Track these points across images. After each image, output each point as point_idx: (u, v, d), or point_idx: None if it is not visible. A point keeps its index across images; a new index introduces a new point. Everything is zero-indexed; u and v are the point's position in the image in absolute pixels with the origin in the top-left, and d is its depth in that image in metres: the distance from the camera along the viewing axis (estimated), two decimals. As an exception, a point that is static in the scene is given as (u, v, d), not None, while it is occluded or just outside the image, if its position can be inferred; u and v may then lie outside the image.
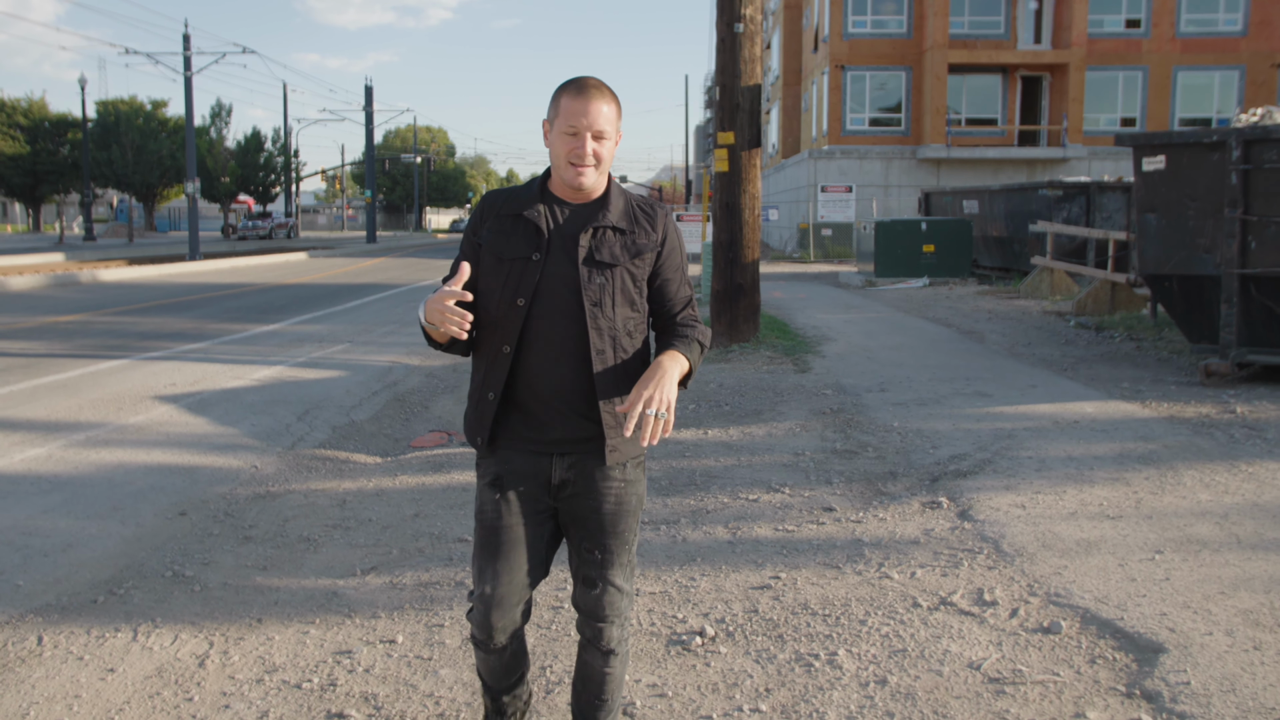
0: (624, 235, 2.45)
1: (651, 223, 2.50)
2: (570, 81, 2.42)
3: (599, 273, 2.41)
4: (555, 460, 2.48)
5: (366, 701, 3.35)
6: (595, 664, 2.61)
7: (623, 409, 2.30)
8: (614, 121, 2.42)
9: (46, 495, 5.86)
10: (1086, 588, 4.08)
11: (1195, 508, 5.08)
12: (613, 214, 2.45)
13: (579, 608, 2.58)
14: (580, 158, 2.37)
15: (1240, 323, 8.32)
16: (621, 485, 2.51)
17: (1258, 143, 8.00)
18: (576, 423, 2.45)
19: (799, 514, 5.23)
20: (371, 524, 5.34)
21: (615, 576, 2.54)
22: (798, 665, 3.50)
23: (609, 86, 2.42)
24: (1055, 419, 7.22)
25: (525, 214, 2.43)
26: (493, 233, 2.46)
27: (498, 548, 2.48)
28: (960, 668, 3.43)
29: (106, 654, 3.74)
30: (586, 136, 2.36)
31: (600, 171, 2.42)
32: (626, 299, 2.45)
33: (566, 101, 2.38)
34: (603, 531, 2.51)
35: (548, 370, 2.42)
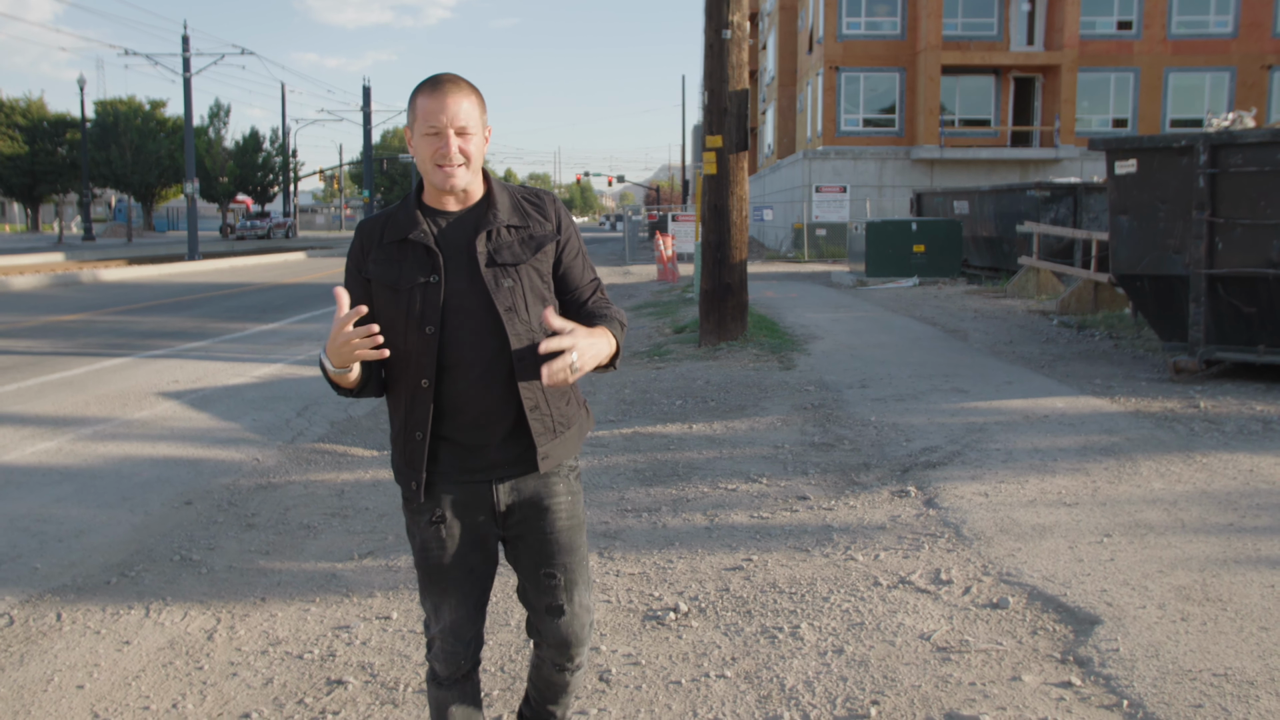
0: (520, 231, 2.33)
1: (542, 212, 2.37)
2: (424, 81, 2.27)
3: (505, 275, 2.28)
4: (497, 487, 2.37)
5: (364, 670, 3.63)
6: (558, 679, 2.56)
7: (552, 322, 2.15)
8: (477, 116, 2.26)
9: (58, 485, 6.14)
10: (1036, 568, 4.37)
11: (1147, 495, 5.37)
12: (502, 212, 2.32)
13: (546, 640, 2.48)
14: (446, 157, 2.22)
15: (1208, 321, 8.60)
16: (570, 499, 2.43)
17: (1224, 147, 8.29)
18: (510, 444, 2.34)
19: (774, 502, 5.51)
20: (368, 512, 5.62)
21: (581, 594, 2.45)
22: (763, 637, 3.78)
23: (468, 81, 2.29)
24: (1026, 413, 7.51)
25: (410, 237, 2.28)
26: (379, 264, 2.30)
27: (449, 584, 2.40)
28: (912, 639, 3.72)
29: (121, 629, 4.02)
30: (449, 134, 2.21)
31: (472, 171, 2.28)
32: (538, 297, 2.32)
33: (423, 101, 2.23)
34: (560, 550, 2.41)
35: (472, 394, 2.29)
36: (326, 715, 3.29)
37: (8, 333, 13.54)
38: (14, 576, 4.62)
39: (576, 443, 2.46)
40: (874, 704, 3.23)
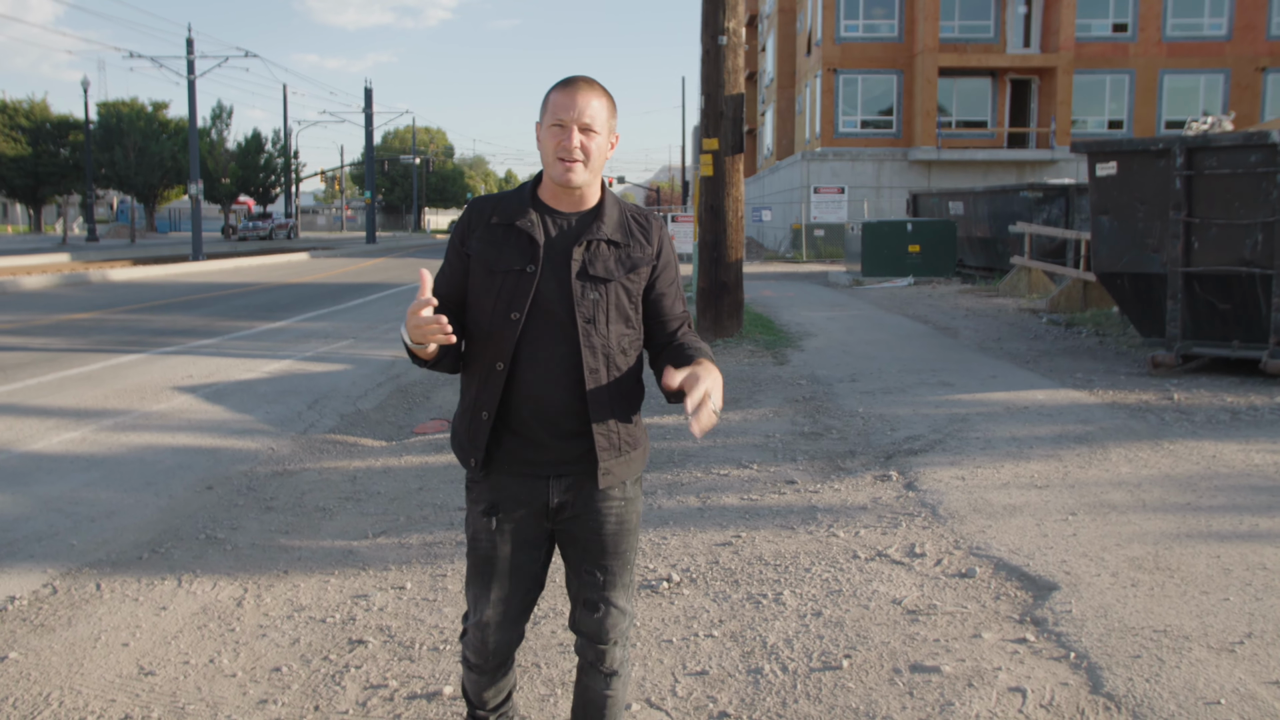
0: (619, 248, 2.35)
1: (646, 235, 2.40)
2: (560, 80, 2.32)
3: (593, 288, 2.31)
4: (552, 483, 2.38)
5: (381, 631, 3.96)
6: (597, 687, 2.51)
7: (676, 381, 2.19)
8: (605, 118, 2.29)
9: (86, 472, 6.48)
10: (1004, 542, 4.70)
11: (1114, 478, 5.71)
12: (607, 226, 2.34)
13: (579, 631, 2.49)
14: (568, 151, 2.25)
15: (1185, 317, 8.94)
16: (622, 504, 2.43)
17: (1199, 150, 8.63)
18: (571, 444, 2.35)
19: (763, 486, 5.85)
20: (380, 496, 5.95)
21: (618, 598, 2.46)
22: (748, 603, 4.12)
23: (601, 84, 2.32)
24: (1008, 405, 7.84)
25: (518, 223, 2.32)
26: (482, 243, 2.35)
27: (493, 577, 2.42)
28: (885, 603, 4.05)
29: (157, 596, 4.35)
30: (573, 129, 2.25)
31: (591, 170, 2.30)
32: (621, 315, 2.35)
33: (554, 96, 2.28)
34: (604, 553, 2.42)
35: (540, 389, 2.31)
36: (350, 668, 3.62)
37: (24, 330, 13.90)
38: (53, 552, 4.96)
39: (640, 464, 2.47)
40: (846, 657, 3.56)
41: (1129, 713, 3.10)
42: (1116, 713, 3.11)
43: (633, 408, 2.42)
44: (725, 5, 11.19)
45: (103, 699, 3.38)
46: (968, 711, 3.14)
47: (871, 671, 3.45)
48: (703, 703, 3.29)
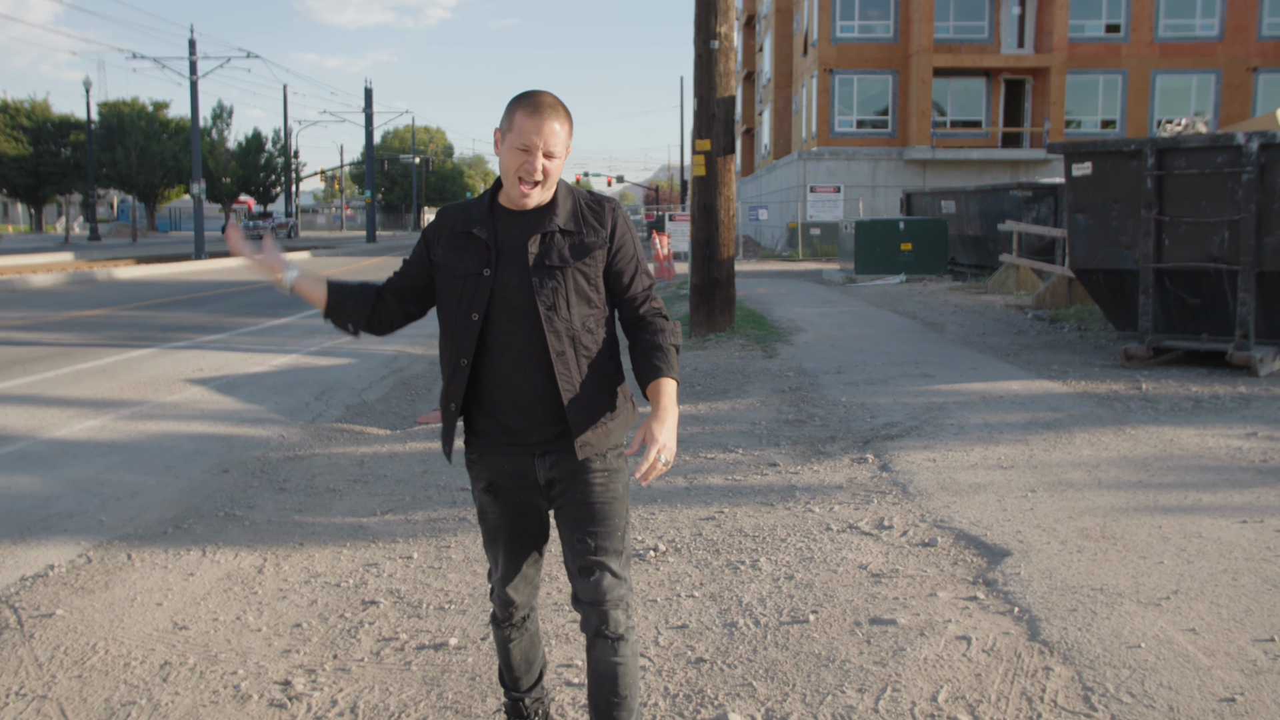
0: (572, 236, 2.52)
1: (599, 219, 2.55)
2: (525, 96, 2.46)
3: (550, 276, 2.48)
4: (537, 461, 2.57)
5: (392, 594, 4.34)
6: (606, 656, 2.59)
7: (634, 448, 2.46)
8: (565, 140, 2.47)
9: (108, 456, 6.85)
10: (966, 516, 5.08)
11: (1075, 460, 6.09)
12: (560, 217, 2.52)
13: (580, 600, 2.61)
14: (530, 173, 2.43)
15: (1156, 312, 9.32)
16: (605, 475, 2.57)
17: (1169, 151, 9.01)
18: (549, 423, 2.53)
19: (747, 468, 6.23)
20: (387, 478, 6.33)
21: (610, 561, 2.58)
22: (727, 569, 4.49)
23: (563, 104, 2.48)
24: (984, 395, 8.22)
25: (474, 232, 2.53)
26: (445, 250, 2.58)
27: (503, 544, 2.70)
28: (852, 568, 4.43)
29: (184, 565, 4.73)
30: (538, 154, 2.43)
31: (547, 188, 2.50)
32: (582, 298, 2.52)
33: (521, 118, 2.42)
34: (593, 520, 2.57)
35: (514, 377, 2.51)
36: (364, 624, 4.00)
37: (37, 326, 14.28)
38: (85, 527, 5.33)
39: (620, 432, 2.61)
40: (813, 613, 3.94)
41: (1060, 655, 3.48)
42: (1049, 655, 3.48)
43: (605, 379, 2.58)
44: (717, 10, 11.56)
45: (143, 648, 3.76)
46: (917, 655, 3.52)
47: (835, 624, 3.83)
48: (682, 651, 3.66)
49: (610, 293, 2.59)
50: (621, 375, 2.65)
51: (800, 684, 3.35)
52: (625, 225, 2.59)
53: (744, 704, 3.23)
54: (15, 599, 4.28)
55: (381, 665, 3.62)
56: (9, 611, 4.13)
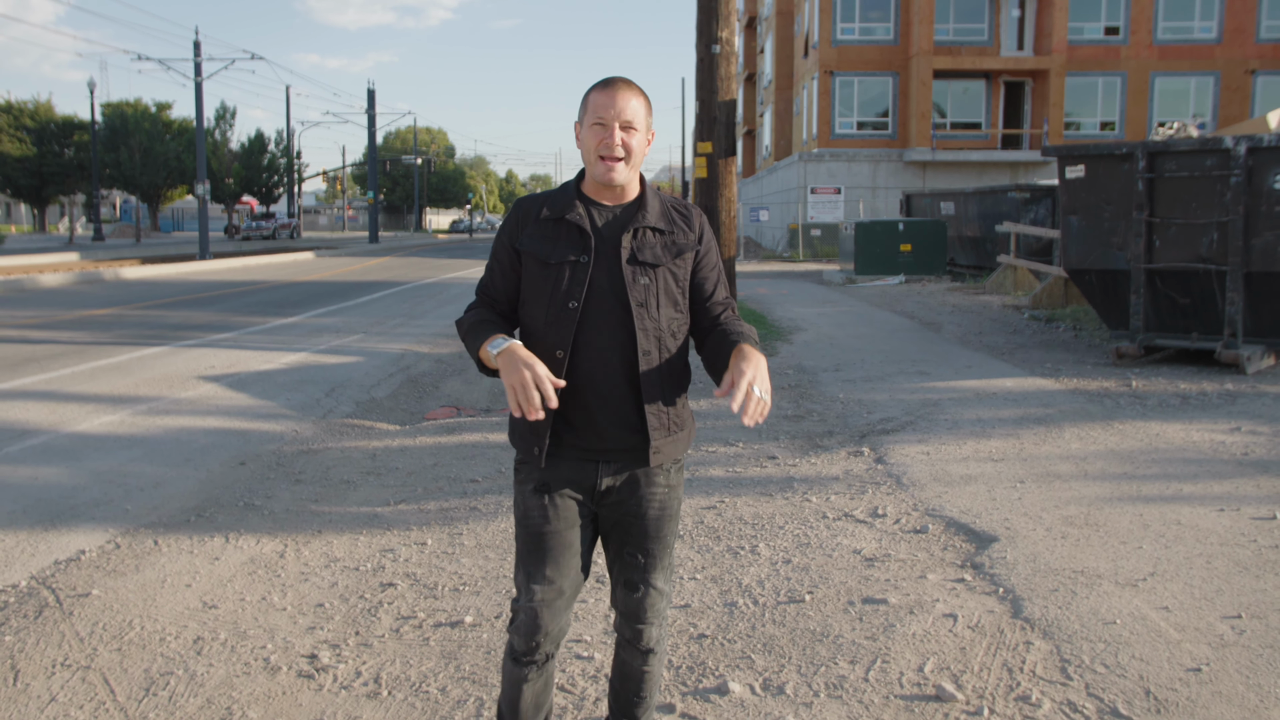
0: (664, 235, 2.45)
1: (688, 222, 2.50)
2: (599, 80, 2.43)
3: (643, 273, 2.40)
4: (601, 467, 2.46)
5: (408, 577, 4.56)
6: (634, 663, 2.61)
7: (724, 389, 2.28)
8: (643, 116, 2.41)
9: (129, 449, 7.08)
10: (957, 505, 5.30)
11: (1064, 453, 6.31)
12: (651, 214, 2.45)
13: (619, 609, 2.58)
14: (609, 148, 2.35)
15: (1148, 311, 9.54)
16: (665, 491, 2.50)
17: (1159, 154, 9.23)
18: (623, 429, 2.43)
19: (747, 461, 6.45)
20: (398, 471, 6.55)
21: (657, 580, 2.54)
22: (728, 553, 4.72)
23: (638, 84, 2.44)
24: (978, 392, 8.44)
25: (568, 217, 2.42)
26: (534, 238, 2.44)
27: (546, 552, 2.46)
28: (846, 553, 4.65)
29: (208, 550, 4.96)
30: (615, 127, 2.35)
31: (631, 166, 2.40)
32: (670, 299, 2.44)
33: (594, 96, 2.38)
34: (646, 537, 2.50)
35: (595, 375, 2.39)
36: (383, 604, 4.22)
37: (50, 325, 14.52)
38: (111, 515, 5.56)
39: (686, 444, 2.55)
40: (809, 593, 4.16)
41: (1040, 631, 3.70)
42: (1030, 631, 3.71)
43: (680, 389, 2.50)
44: (719, 15, 11.78)
45: (176, 625, 3.99)
46: (906, 631, 3.74)
47: (829, 603, 4.05)
48: (685, 628, 3.88)
49: (691, 300, 2.52)
50: (689, 383, 2.58)
51: (796, 657, 3.57)
52: (710, 232, 2.56)
53: (743, 674, 3.45)
54: (52, 580, 4.50)
55: (401, 641, 3.84)
56: (47, 592, 4.35)
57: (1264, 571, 4.21)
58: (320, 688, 3.46)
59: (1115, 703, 3.16)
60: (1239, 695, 3.18)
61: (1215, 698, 3.17)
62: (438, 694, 3.40)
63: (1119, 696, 3.20)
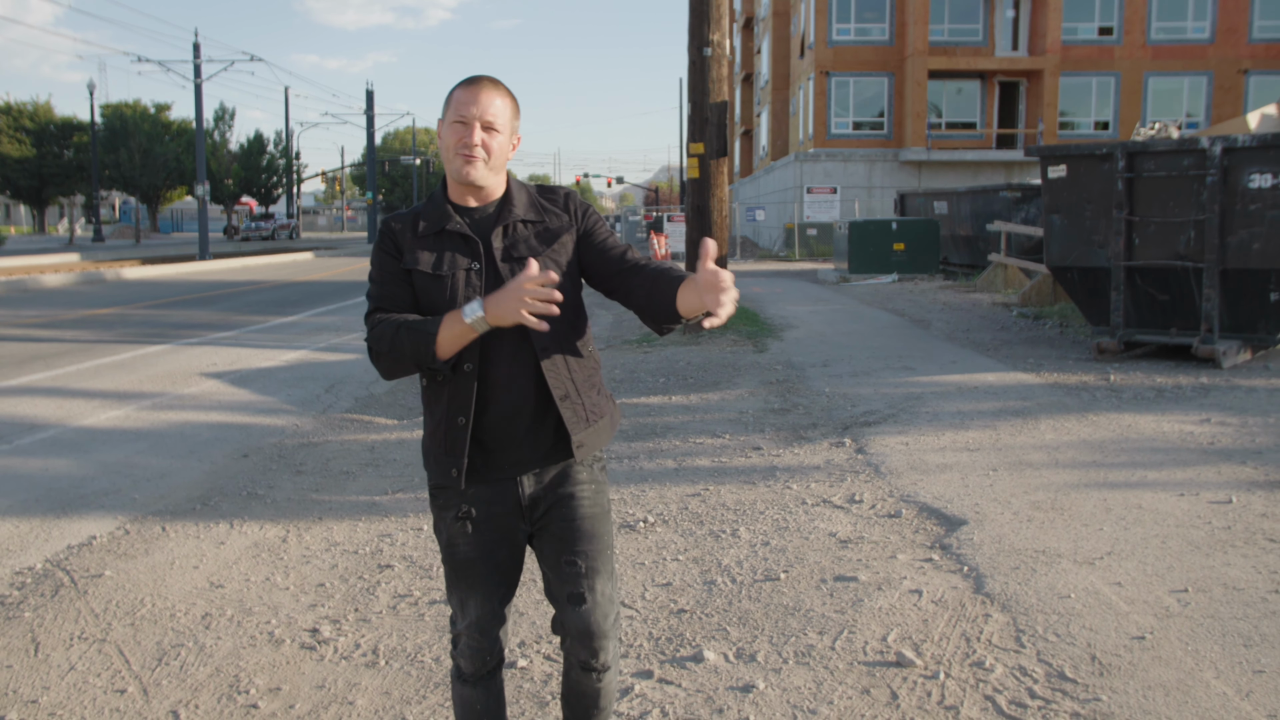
0: (534, 225, 2.39)
1: (557, 205, 2.44)
2: (464, 78, 2.36)
3: (520, 268, 2.31)
4: (524, 480, 2.39)
5: (405, 559, 4.79)
6: (588, 684, 2.50)
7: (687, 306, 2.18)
8: (507, 117, 2.33)
9: (134, 443, 7.31)
10: (931, 491, 5.53)
11: (1038, 443, 6.54)
12: (519, 208, 2.39)
13: (569, 632, 2.45)
14: (468, 146, 2.27)
15: (1128, 307, 9.77)
16: (592, 488, 2.45)
17: (1138, 155, 9.46)
18: (539, 431, 2.37)
19: (732, 452, 6.68)
20: (396, 462, 6.77)
21: (604, 584, 2.43)
22: (710, 537, 4.95)
23: (505, 85, 2.37)
24: (960, 386, 8.68)
25: (448, 228, 2.35)
26: (420, 253, 2.35)
27: (476, 579, 2.41)
28: (822, 536, 4.88)
29: (214, 535, 5.18)
30: (475, 125, 2.28)
31: (492, 168, 2.33)
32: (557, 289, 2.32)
33: (457, 93, 2.32)
34: (581, 537, 2.41)
35: (502, 383, 2.33)
36: (380, 584, 4.45)
37: (53, 324, 14.76)
38: (120, 504, 5.79)
39: (608, 433, 2.49)
40: (784, 572, 4.39)
41: (999, 605, 3.93)
42: (990, 605, 3.94)
43: (590, 376, 2.45)
44: (710, 18, 12.02)
45: (185, 602, 4.22)
46: (873, 605, 3.98)
47: (803, 581, 4.28)
48: (666, 604, 4.11)
49: (592, 267, 2.43)
50: (600, 370, 2.54)
51: (769, 629, 3.81)
52: (584, 205, 2.47)
53: (718, 644, 3.69)
54: (66, 563, 4.73)
55: (398, 616, 4.07)
56: (62, 573, 4.58)
57: (1214, 550, 4.44)
58: (322, 658, 3.69)
59: (1063, 667, 3.39)
60: (1177, 659, 3.42)
61: (1155, 661, 3.40)
62: (432, 663, 3.63)
63: (1067, 662, 3.43)
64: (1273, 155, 8.75)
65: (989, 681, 3.32)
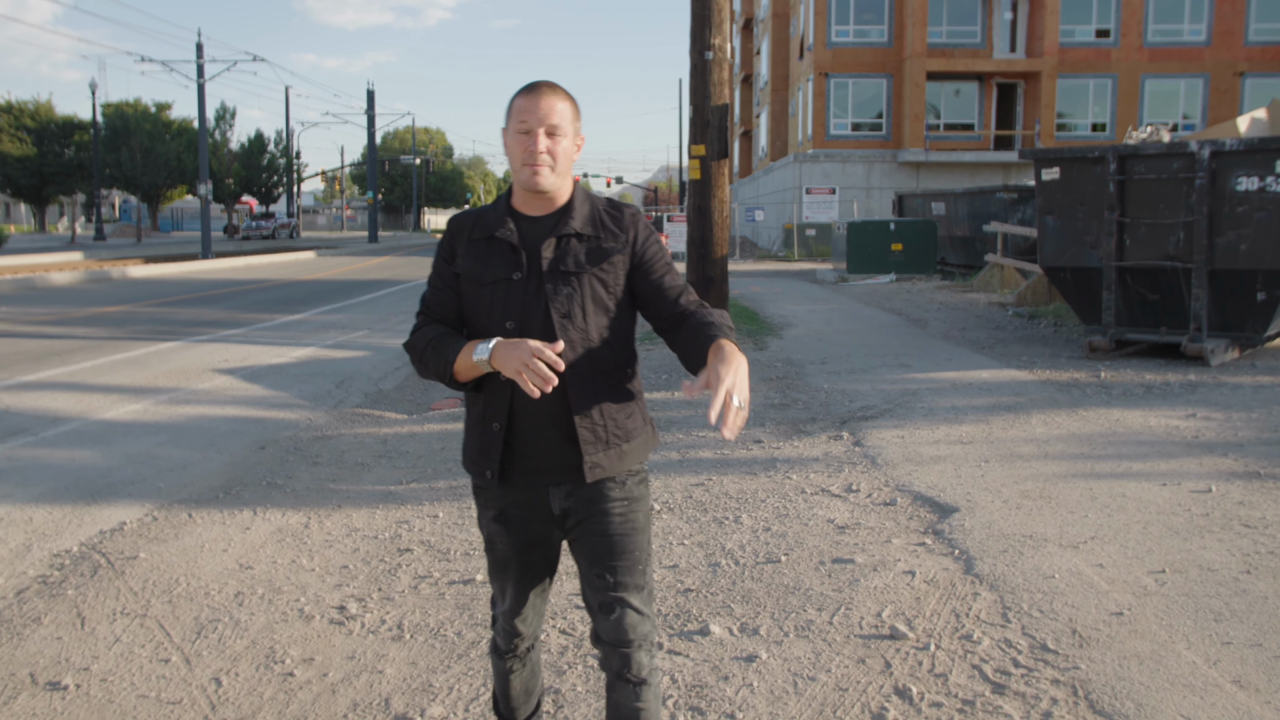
0: (588, 241, 2.39)
1: (619, 224, 2.43)
2: (523, 86, 2.37)
3: (564, 283, 2.34)
4: (552, 491, 2.42)
5: (423, 543, 5.02)
6: (627, 701, 2.46)
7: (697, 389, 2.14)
8: (569, 119, 2.35)
9: (155, 435, 7.54)
10: (925, 481, 5.78)
11: (1028, 436, 6.79)
12: (576, 221, 2.39)
13: (601, 639, 2.47)
14: (534, 155, 2.29)
15: (1119, 306, 10.02)
16: (625, 504, 2.43)
17: (1129, 158, 9.71)
18: (566, 445, 2.38)
19: (734, 444, 6.91)
20: (409, 454, 7.01)
21: (631, 598, 2.43)
22: (713, 523, 5.18)
23: (564, 88, 2.37)
24: (954, 382, 8.92)
25: (498, 234, 2.38)
26: (468, 259, 2.42)
27: (511, 574, 2.52)
28: (820, 522, 5.12)
29: (239, 521, 5.42)
30: (539, 133, 2.29)
31: (559, 173, 2.35)
32: (600, 307, 2.37)
33: (519, 101, 2.33)
34: (611, 554, 2.42)
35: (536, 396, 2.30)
36: (401, 566, 4.69)
37: (65, 321, 14.99)
38: (146, 492, 6.02)
39: (637, 456, 2.46)
40: (785, 555, 4.63)
41: (988, 584, 4.17)
42: (979, 584, 4.18)
43: (622, 399, 2.43)
44: (711, 22, 12.25)
45: (218, 582, 4.45)
46: (869, 584, 4.22)
47: (803, 563, 4.52)
48: (673, 584, 4.35)
49: (643, 301, 2.44)
50: (641, 396, 2.52)
51: (770, 606, 4.05)
52: (647, 230, 2.47)
53: (723, 619, 3.93)
54: (100, 546, 4.97)
55: (419, 595, 4.31)
56: (98, 556, 4.82)
57: (1192, 535, 4.69)
58: (350, 632, 3.93)
59: (1045, 640, 3.64)
60: (1152, 633, 3.66)
61: (1131, 634, 3.65)
62: (454, 637, 3.87)
63: (1049, 635, 3.67)
64: (1259, 159, 9.00)
65: (976, 652, 3.56)
